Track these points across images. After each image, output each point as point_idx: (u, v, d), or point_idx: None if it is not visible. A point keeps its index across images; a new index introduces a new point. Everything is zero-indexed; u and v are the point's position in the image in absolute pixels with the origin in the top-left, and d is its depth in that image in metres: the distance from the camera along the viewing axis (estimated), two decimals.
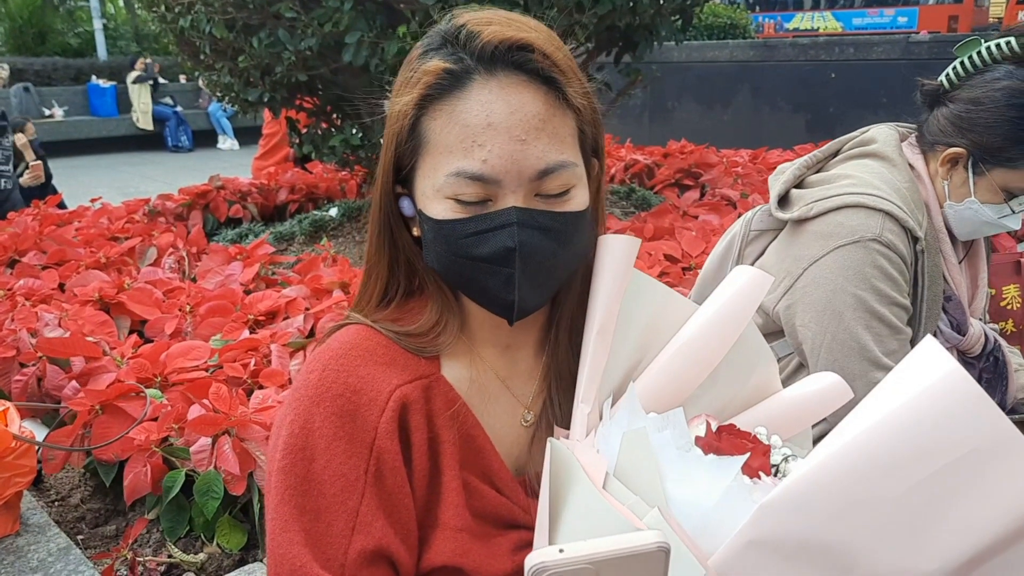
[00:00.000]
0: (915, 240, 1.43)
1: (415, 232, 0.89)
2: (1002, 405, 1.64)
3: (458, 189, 0.79)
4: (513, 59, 0.79)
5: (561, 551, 0.56)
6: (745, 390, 0.88)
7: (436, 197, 0.82)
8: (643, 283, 0.89)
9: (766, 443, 0.76)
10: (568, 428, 0.87)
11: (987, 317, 1.72)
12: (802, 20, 18.31)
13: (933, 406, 0.60)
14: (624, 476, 0.73)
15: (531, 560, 0.56)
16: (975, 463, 0.60)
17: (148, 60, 13.66)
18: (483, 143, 0.78)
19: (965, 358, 1.60)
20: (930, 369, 0.61)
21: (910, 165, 1.53)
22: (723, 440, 0.75)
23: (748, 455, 0.72)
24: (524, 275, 0.80)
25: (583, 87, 0.84)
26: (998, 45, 1.41)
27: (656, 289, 0.89)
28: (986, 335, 1.59)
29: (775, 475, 0.73)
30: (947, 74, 1.48)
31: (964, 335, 1.56)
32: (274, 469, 0.84)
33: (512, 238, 0.79)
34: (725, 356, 0.86)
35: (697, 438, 0.76)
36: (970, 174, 1.45)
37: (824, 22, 18.04)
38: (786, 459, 0.75)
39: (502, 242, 0.79)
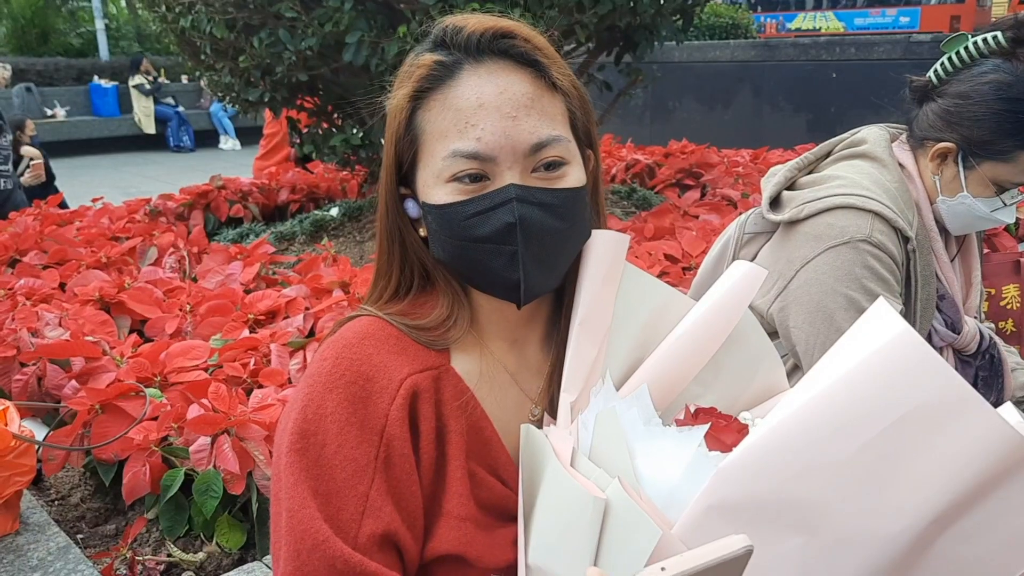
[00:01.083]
0: (906, 240, 1.44)
1: (422, 232, 0.91)
2: (999, 404, 1.64)
3: (456, 168, 0.83)
4: (498, 46, 0.84)
5: (663, 569, 0.59)
6: (751, 390, 0.89)
7: (436, 183, 0.85)
8: (644, 282, 0.91)
9: (742, 423, 0.78)
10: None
11: (983, 316, 1.72)
12: (804, 20, 18.29)
13: (884, 365, 0.62)
14: (598, 454, 0.76)
15: None
16: (927, 418, 0.61)
17: (149, 70, 13.63)
18: (476, 122, 0.82)
19: (961, 357, 1.60)
20: (881, 331, 0.63)
21: (900, 165, 1.53)
22: (698, 419, 0.78)
23: (710, 424, 0.74)
24: (527, 251, 0.83)
25: (566, 70, 0.88)
26: (984, 40, 1.41)
27: (657, 288, 0.91)
28: (981, 333, 1.59)
29: None
30: (935, 70, 1.49)
31: (959, 333, 1.56)
32: (284, 451, 0.85)
33: (512, 213, 0.82)
34: (730, 355, 0.88)
35: (676, 420, 0.78)
36: (960, 168, 1.46)
37: (826, 22, 18.02)
38: None
39: (503, 218, 0.82)
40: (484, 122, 0.82)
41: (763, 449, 0.64)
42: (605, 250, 0.89)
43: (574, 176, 0.86)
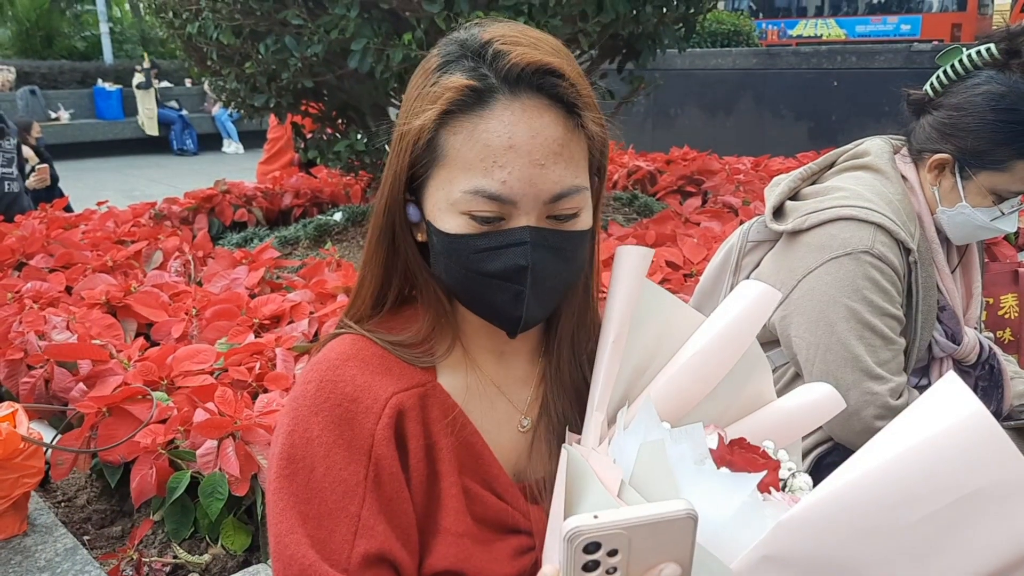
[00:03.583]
0: (907, 252, 1.46)
1: (420, 237, 0.90)
2: (998, 413, 1.66)
3: (474, 206, 0.80)
4: (539, 82, 0.80)
5: (596, 517, 0.58)
6: (741, 399, 0.89)
7: (450, 211, 0.83)
8: (652, 293, 0.90)
9: (775, 459, 0.78)
10: (575, 433, 0.88)
11: (982, 326, 1.74)
12: (805, 27, 18.34)
13: (954, 443, 0.62)
14: (639, 486, 0.75)
15: (567, 525, 0.58)
16: (993, 499, 0.62)
17: (146, 65, 13.68)
18: (504, 164, 0.79)
19: (960, 367, 1.62)
20: (955, 407, 0.63)
21: (903, 176, 1.55)
22: (735, 454, 0.77)
23: (765, 473, 0.73)
24: (533, 293, 0.82)
25: (599, 116, 0.85)
26: (979, 52, 1.44)
27: (665, 299, 0.91)
28: (981, 344, 1.61)
29: (783, 489, 0.76)
30: (931, 83, 1.51)
31: (959, 344, 1.58)
32: (273, 476, 0.85)
33: (525, 257, 0.81)
34: None
35: (710, 450, 0.77)
36: (958, 179, 1.48)
37: (827, 30, 18.07)
38: (793, 474, 0.77)
39: (514, 260, 0.81)
40: (512, 165, 0.79)
41: (826, 509, 0.65)
42: (635, 266, 0.88)
43: (585, 220, 0.86)
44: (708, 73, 8.65)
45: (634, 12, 3.80)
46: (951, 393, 0.64)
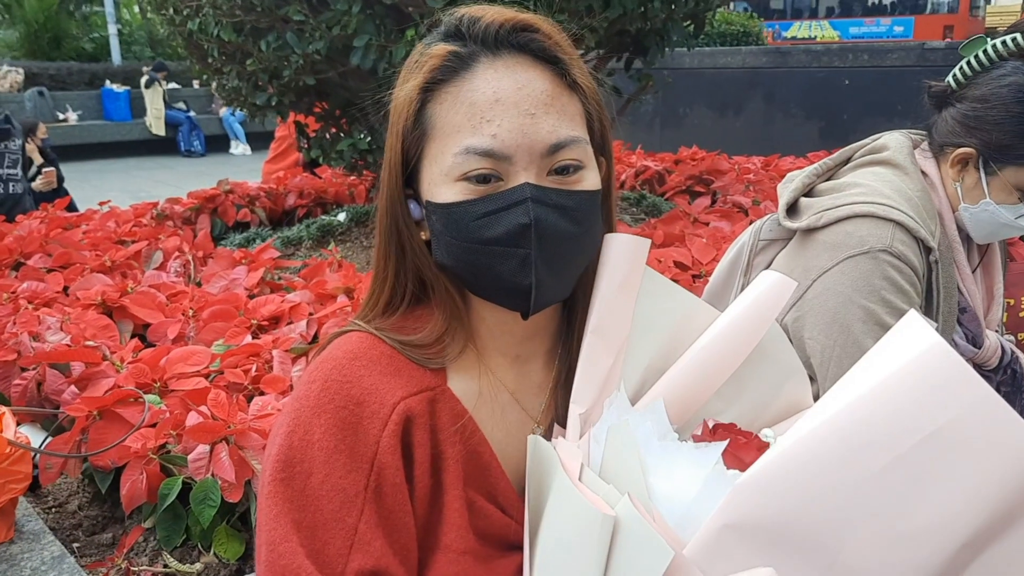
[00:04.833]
0: (928, 251, 1.39)
1: (424, 236, 0.86)
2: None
3: (468, 166, 0.77)
4: (517, 40, 0.79)
5: None
6: (774, 405, 0.85)
7: (445, 181, 0.79)
8: (667, 289, 0.87)
9: (764, 441, 0.75)
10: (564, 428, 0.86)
11: (1003, 329, 1.68)
12: (800, 29, 18.38)
13: (915, 379, 0.58)
14: (609, 469, 0.72)
15: None
16: (960, 435, 0.58)
17: (148, 67, 13.75)
18: (491, 118, 0.77)
19: (981, 371, 1.55)
20: (912, 343, 0.59)
21: (923, 172, 1.48)
22: (717, 436, 0.74)
23: (728, 441, 0.71)
24: (540, 255, 0.77)
25: (585, 70, 0.83)
26: (1003, 42, 1.37)
27: (680, 296, 0.87)
28: (1002, 347, 1.55)
29: None
30: (954, 74, 1.45)
31: (980, 348, 1.52)
32: (268, 479, 0.80)
33: (527, 214, 0.76)
34: (755, 370, 0.84)
35: (693, 435, 0.75)
36: (982, 174, 1.41)
37: (822, 31, 18.14)
38: None
39: (516, 219, 0.76)
40: (501, 118, 0.76)
41: (784, 466, 0.61)
42: (623, 254, 0.84)
43: (590, 180, 0.81)
44: (717, 72, 8.58)
45: (642, 8, 3.74)
46: (908, 331, 0.60)
